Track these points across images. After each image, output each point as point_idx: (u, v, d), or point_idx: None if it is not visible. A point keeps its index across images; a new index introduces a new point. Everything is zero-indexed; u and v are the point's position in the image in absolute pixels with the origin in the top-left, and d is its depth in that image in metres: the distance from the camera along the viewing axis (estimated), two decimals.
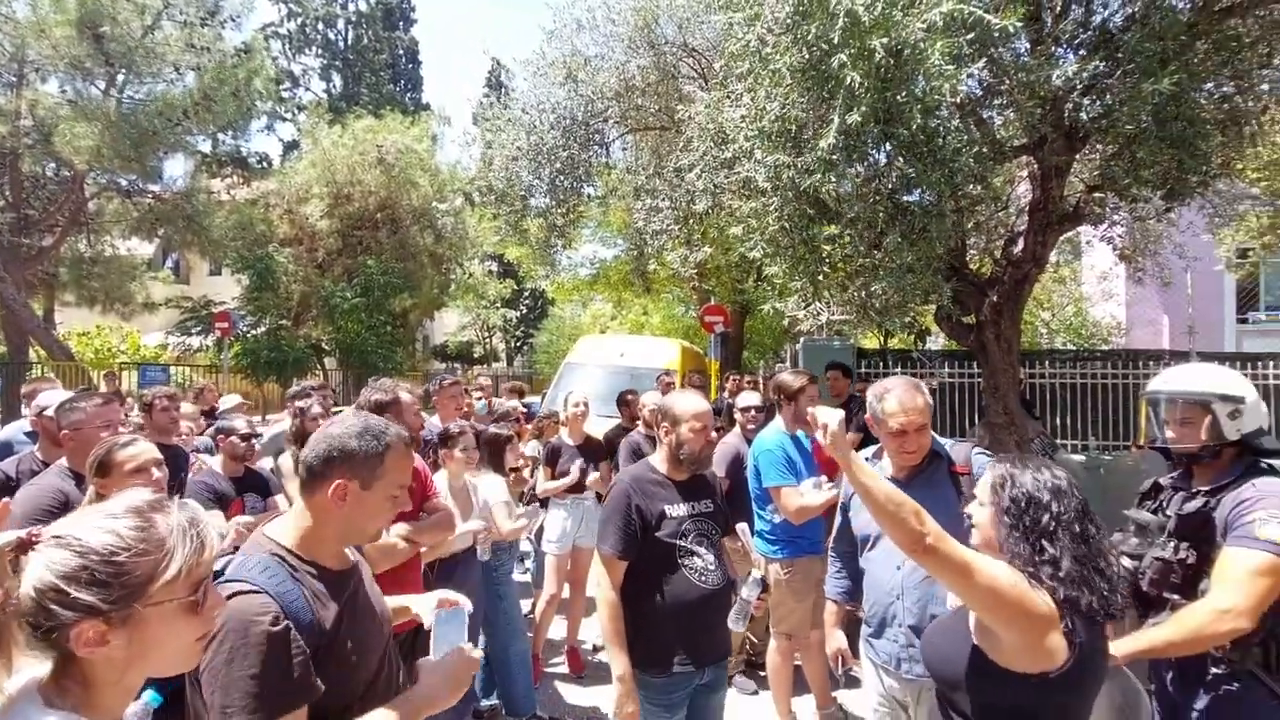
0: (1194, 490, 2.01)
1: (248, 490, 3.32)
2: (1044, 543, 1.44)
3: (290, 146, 25.51)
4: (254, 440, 3.52)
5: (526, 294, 31.22)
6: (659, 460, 2.47)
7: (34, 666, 0.95)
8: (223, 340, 13.51)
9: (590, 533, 4.54)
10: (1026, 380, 7.64)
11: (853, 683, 3.49)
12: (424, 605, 1.67)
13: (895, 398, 2.21)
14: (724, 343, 11.86)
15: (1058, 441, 7.72)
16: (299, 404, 3.64)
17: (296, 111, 25.04)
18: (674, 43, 6.10)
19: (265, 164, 19.41)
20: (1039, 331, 13.38)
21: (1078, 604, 1.39)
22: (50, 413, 3.00)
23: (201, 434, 4.59)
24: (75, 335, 17.22)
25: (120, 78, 13.94)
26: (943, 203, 3.25)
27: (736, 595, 2.31)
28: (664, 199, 5.58)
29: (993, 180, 4.52)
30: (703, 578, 2.32)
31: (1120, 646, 1.97)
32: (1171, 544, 1.98)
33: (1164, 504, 2.11)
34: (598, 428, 5.37)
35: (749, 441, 4.06)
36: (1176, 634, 1.87)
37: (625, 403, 5.22)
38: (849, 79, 2.70)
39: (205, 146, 15.91)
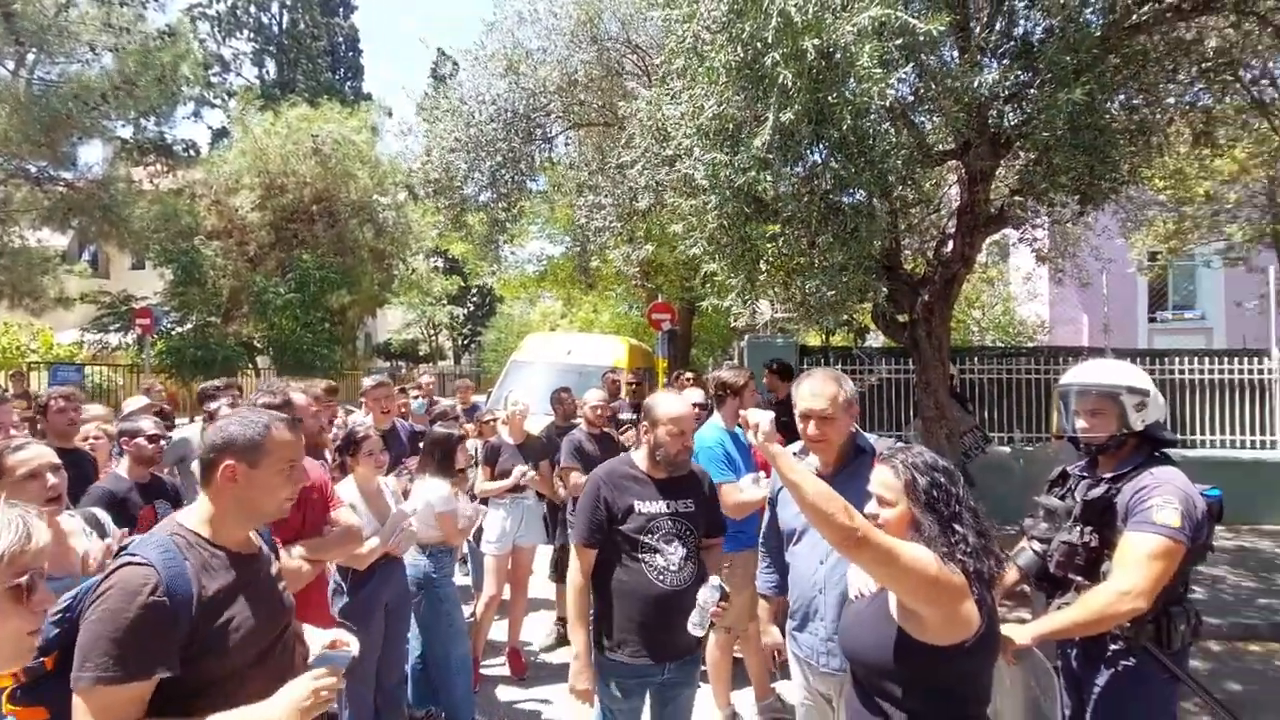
0: (1098, 478, 2.13)
1: (157, 497, 3.11)
2: (955, 524, 1.58)
3: (219, 134, 24.28)
4: (162, 442, 3.31)
5: (474, 291, 30.65)
6: (640, 456, 2.49)
7: None
8: (144, 338, 12.74)
9: (531, 532, 4.48)
10: (958, 376, 7.96)
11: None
12: (316, 638, 1.69)
13: (807, 385, 2.26)
14: (672, 341, 11.91)
15: (987, 433, 8.08)
16: (208, 406, 3.45)
17: (226, 97, 23.82)
18: (617, 39, 6.07)
19: (192, 152, 18.39)
20: (970, 329, 13.97)
21: (982, 575, 1.55)
22: None
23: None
24: None
25: (30, 57, 12.95)
26: (874, 203, 3.34)
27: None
28: (606, 195, 5.56)
29: (923, 183, 4.69)
30: (661, 576, 2.33)
31: (1031, 629, 2.07)
32: (1077, 528, 2.09)
33: (1071, 491, 2.23)
34: (541, 426, 5.30)
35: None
36: (1082, 615, 1.97)
37: (559, 400, 5.16)
38: (782, 78, 2.73)
39: (126, 132, 14.95)
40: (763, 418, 1.65)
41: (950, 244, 5.42)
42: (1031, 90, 4.15)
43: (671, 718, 2.50)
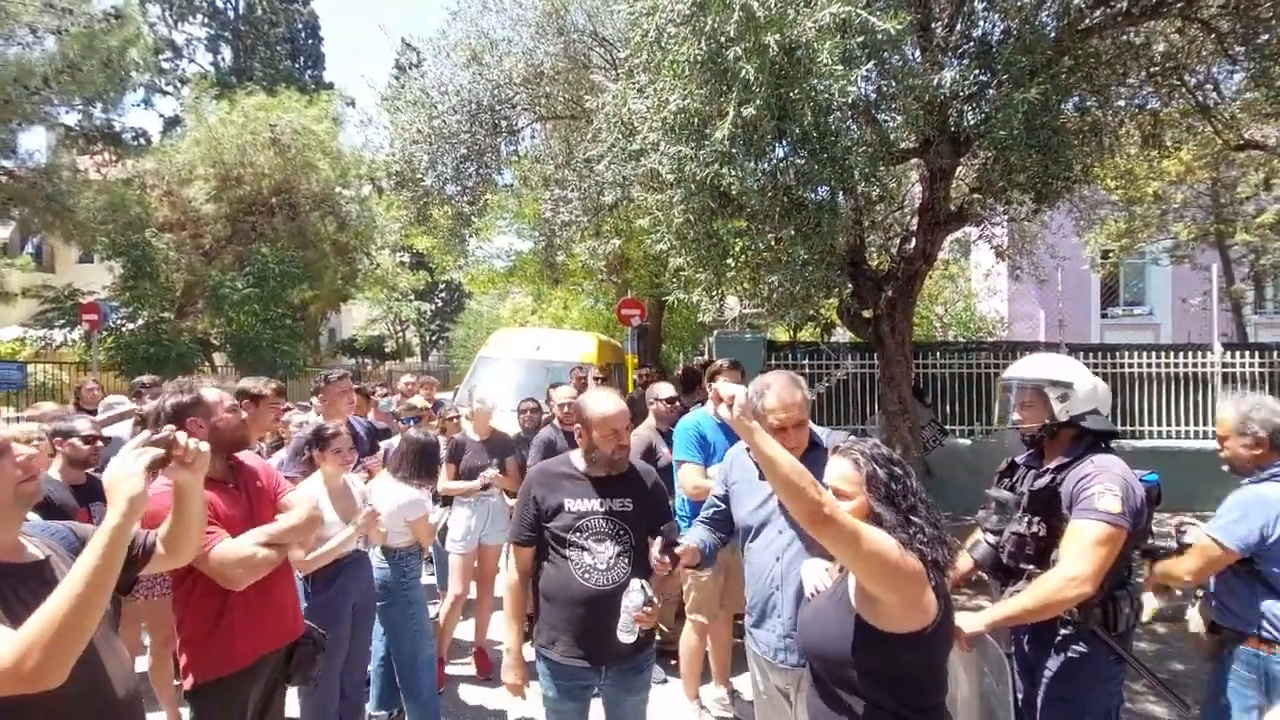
0: (1043, 469, 2.20)
1: (93, 499, 2.99)
2: (911, 515, 1.62)
3: (172, 123, 23.38)
4: (98, 443, 3.18)
5: (441, 287, 30.22)
6: (578, 454, 2.46)
7: None
8: (91, 334, 12.23)
9: (495, 530, 4.43)
10: (920, 370, 8.13)
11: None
12: None
13: (774, 394, 2.25)
14: (642, 336, 11.91)
15: (947, 427, 8.27)
16: (139, 409, 3.32)
17: (179, 85, 23.00)
18: (583, 31, 6.01)
19: (143, 141, 17.72)
20: (933, 325, 14.28)
21: (939, 563, 1.60)
22: None
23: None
24: None
25: None
26: (837, 199, 3.37)
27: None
28: (573, 190, 5.51)
29: (886, 180, 4.75)
30: (587, 574, 2.30)
31: (983, 616, 2.12)
32: (1025, 519, 2.15)
33: (1019, 482, 2.29)
34: (513, 424, 5.24)
35: (662, 433, 4.10)
36: (1032, 602, 2.03)
37: (524, 411, 5.11)
38: (744, 73, 2.73)
39: (71, 119, 14.31)
40: (737, 391, 1.61)
41: (913, 241, 5.52)
42: (990, 90, 4.24)
43: None
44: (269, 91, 15.63)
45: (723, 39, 2.85)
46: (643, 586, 2.17)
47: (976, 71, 4.20)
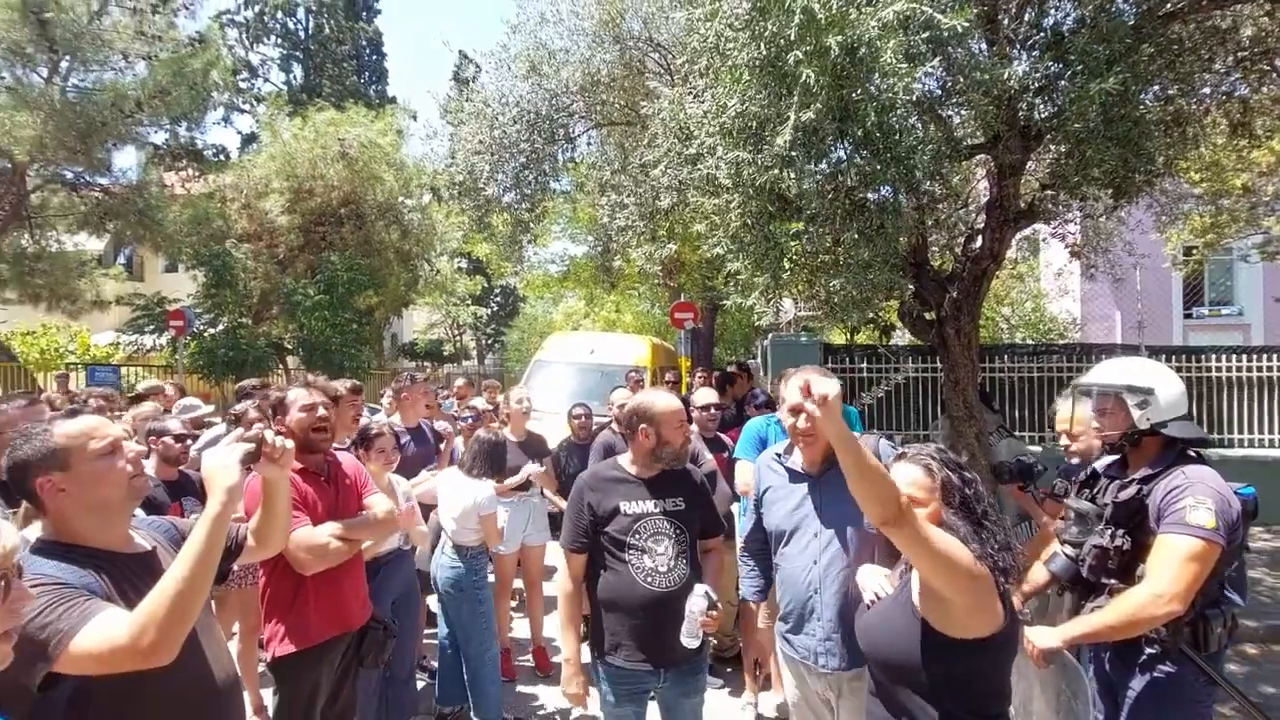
0: (1129, 479, 2.09)
1: (184, 495, 3.20)
2: (984, 521, 1.62)
3: (249, 139, 24.79)
4: (188, 441, 3.40)
5: (497, 291, 30.90)
6: (626, 458, 2.47)
7: None
8: (177, 339, 13.07)
9: (538, 530, 4.49)
10: (986, 374, 7.83)
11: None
12: None
13: (796, 380, 2.24)
14: (695, 339, 11.90)
15: (1016, 433, 7.93)
16: (236, 409, 3.54)
17: (255, 103, 24.30)
18: (639, 37, 6.07)
19: (222, 157, 18.81)
20: (999, 327, 13.73)
21: (1006, 571, 1.58)
22: None
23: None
24: (19, 335, 16.49)
25: (65, 65, 13.34)
26: (900, 200, 3.29)
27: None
28: (629, 195, 5.56)
29: (951, 178, 4.61)
30: (650, 577, 2.29)
31: (1061, 631, 2.04)
32: (1108, 531, 2.05)
33: (1101, 492, 2.19)
34: (563, 427, 5.32)
35: (706, 440, 4.11)
36: (1115, 619, 1.93)
37: (576, 418, 5.17)
38: (804, 76, 2.71)
39: (158, 138, 15.34)
40: (830, 387, 1.53)
41: (979, 240, 5.34)
42: (1062, 82, 4.06)
43: None
44: (337, 107, 16.36)
45: (782, 42, 2.84)
46: (706, 592, 2.18)
47: (1048, 62, 4.03)
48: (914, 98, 3.16)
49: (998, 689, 1.65)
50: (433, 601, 3.97)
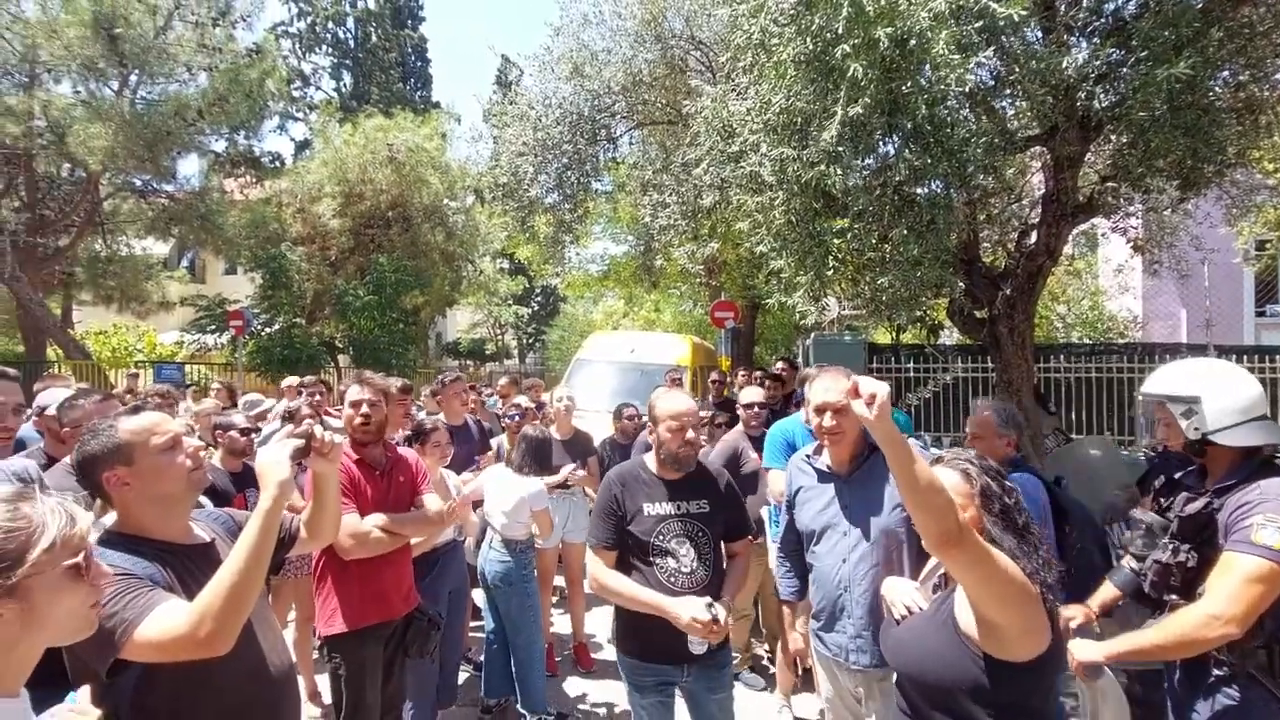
0: (1200, 490, 1.97)
1: (249, 486, 3.34)
2: (1026, 533, 1.54)
3: (302, 146, 25.66)
4: (253, 435, 3.55)
5: (538, 291, 31.28)
6: (651, 458, 2.49)
7: None
8: (237, 338, 13.65)
9: (579, 528, 4.52)
10: (1041, 375, 7.55)
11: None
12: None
13: (821, 380, 2.26)
14: (735, 338, 11.81)
15: (1073, 436, 7.63)
16: (290, 405, 3.68)
17: (308, 111, 25.17)
18: (680, 36, 6.05)
19: (278, 163, 19.53)
20: (1054, 325, 13.22)
21: (1050, 585, 1.50)
22: (51, 411, 3.04)
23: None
24: (93, 334, 17.46)
25: (133, 78, 14.07)
26: (951, 194, 3.20)
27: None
28: (671, 194, 5.56)
29: (1004, 171, 4.47)
30: (673, 579, 2.30)
31: (1106, 646, 1.94)
32: (1171, 546, 1.94)
33: (1175, 504, 2.07)
34: (608, 426, 5.34)
35: (751, 439, 4.06)
36: (1165, 638, 1.83)
37: (622, 417, 5.19)
38: (852, 70, 2.66)
39: (219, 146, 16.04)
40: (880, 388, 1.44)
41: (1033, 235, 5.15)
42: (1125, 69, 3.89)
43: None
44: (385, 113, 16.82)
45: (830, 36, 2.79)
46: (709, 604, 2.18)
47: (1110, 49, 3.86)
48: (966, 89, 3.06)
49: (1045, 708, 1.56)
50: (475, 595, 4.06)
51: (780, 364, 6.54)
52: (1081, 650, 1.95)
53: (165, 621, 1.41)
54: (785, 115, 3.21)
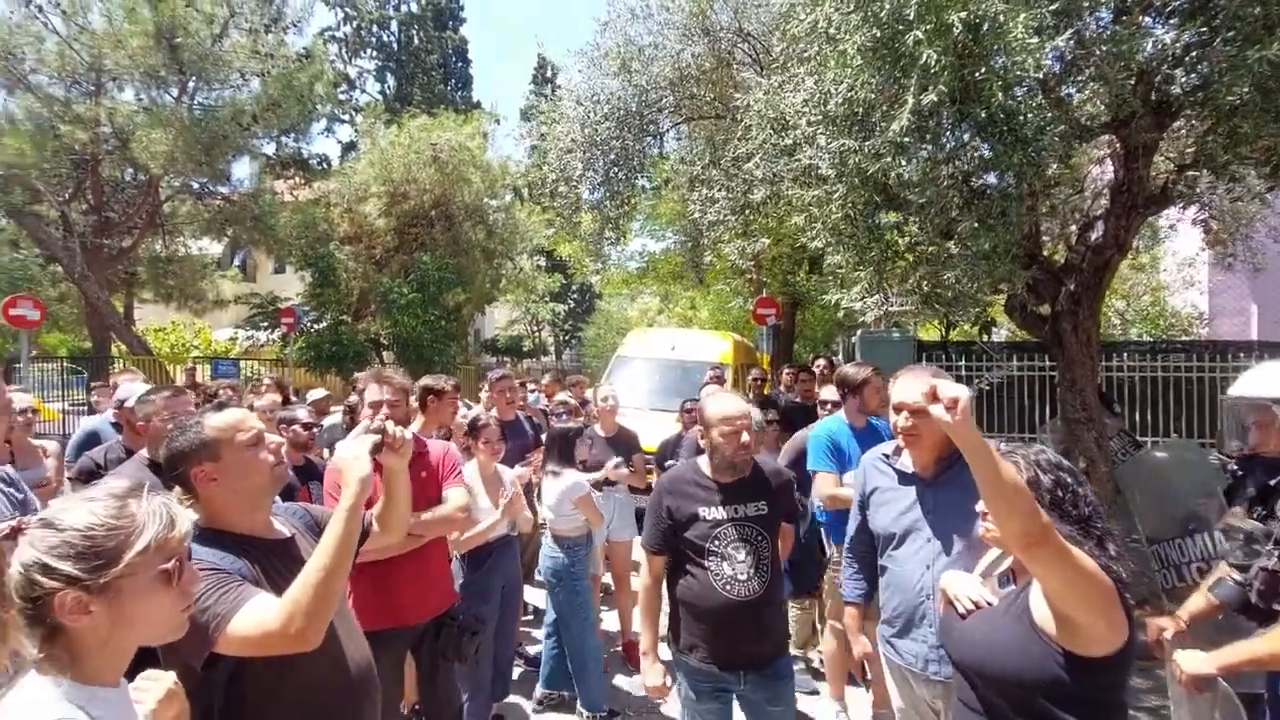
0: None
1: (311, 479, 3.41)
2: (1089, 526, 1.49)
3: (348, 147, 26.27)
4: (314, 430, 3.63)
5: (574, 289, 31.45)
6: (705, 461, 2.45)
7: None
8: (288, 335, 14.07)
9: (624, 526, 4.51)
10: (1103, 373, 7.23)
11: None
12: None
13: (904, 378, 2.18)
14: (775, 335, 11.66)
15: (1138, 438, 7.30)
16: (348, 400, 3.76)
17: (354, 113, 25.79)
18: (729, 29, 5.98)
19: (325, 165, 20.06)
20: (1112, 322, 12.70)
21: (1121, 575, 1.45)
22: (130, 404, 3.15)
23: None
24: (152, 331, 18.23)
25: (191, 85, 14.61)
26: (1022, 185, 3.06)
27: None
28: (720, 189, 5.49)
29: (1074, 161, 4.27)
30: (729, 585, 2.27)
31: (1216, 657, 1.85)
32: (1276, 553, 1.82)
33: (1273, 510, 1.95)
34: (649, 423, 5.32)
35: None
36: (1274, 647, 1.72)
37: (686, 410, 5.15)
38: (924, 57, 2.56)
39: (270, 149, 16.56)
40: (960, 391, 1.42)
41: (1099, 227, 4.92)
42: (1210, 50, 3.67)
43: None
44: (428, 114, 17.10)
45: (899, 23, 2.70)
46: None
47: (1192, 30, 3.64)
48: (1041, 75, 2.93)
49: (1120, 703, 1.55)
50: (529, 591, 4.08)
51: (820, 362, 6.42)
52: (1190, 662, 1.85)
53: (257, 617, 1.43)
54: (847, 106, 3.12)
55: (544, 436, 4.87)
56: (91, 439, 3.89)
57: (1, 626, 1.01)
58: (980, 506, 1.58)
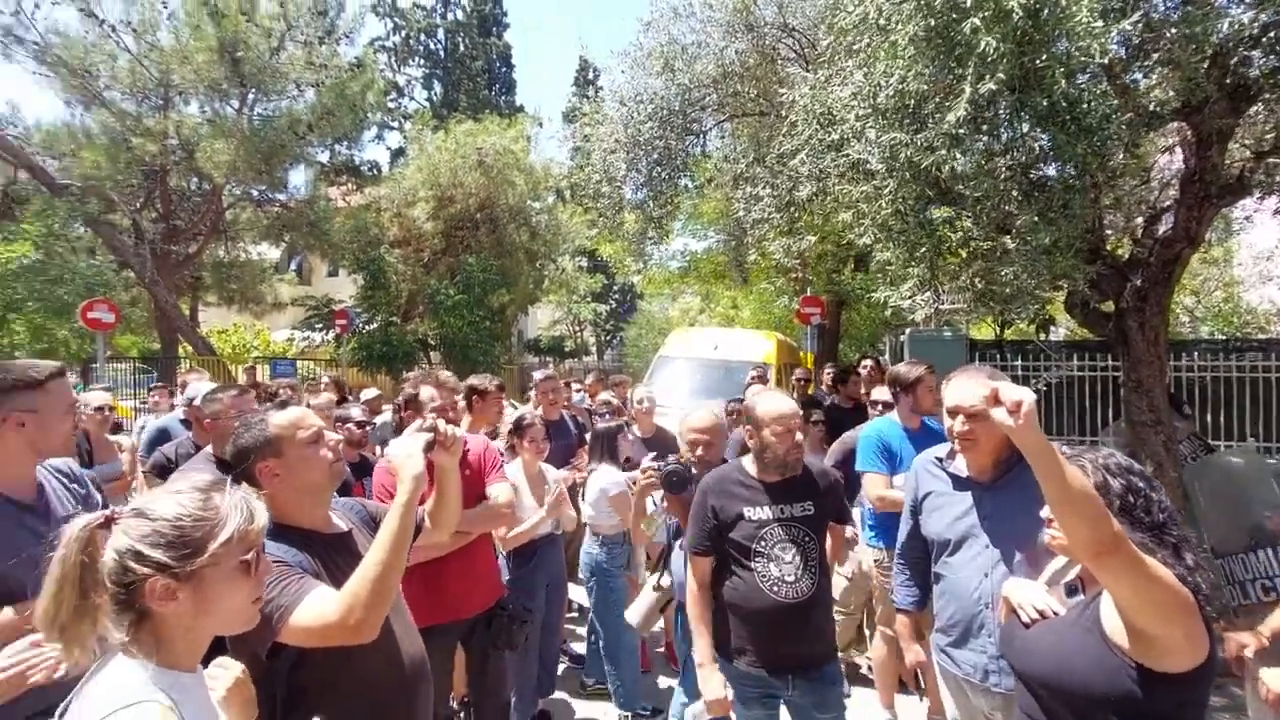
0: None
1: (365, 475, 3.51)
2: (1161, 530, 1.42)
3: (398, 153, 27.01)
4: (368, 427, 3.73)
5: (616, 289, 31.60)
6: (749, 461, 2.41)
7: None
8: (341, 336, 14.55)
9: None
10: (1171, 373, 6.87)
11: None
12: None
13: (959, 380, 2.10)
14: (820, 335, 11.46)
15: (1210, 442, 6.91)
16: (398, 399, 3.87)
17: (403, 120, 26.50)
18: (773, 24, 5.90)
19: (376, 171, 20.66)
20: (1180, 319, 12.05)
21: (1200, 586, 1.37)
22: (198, 402, 3.31)
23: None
24: (215, 332, 19.11)
25: (251, 96, 15.26)
26: (1085, 176, 2.92)
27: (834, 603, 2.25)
28: (764, 186, 5.42)
29: (1141, 150, 4.07)
30: (776, 587, 2.23)
31: None
32: None
33: None
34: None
35: None
36: None
37: (730, 413, 5.11)
38: (982, 44, 2.47)
39: (324, 157, 17.17)
40: (1025, 394, 1.36)
41: (1168, 219, 4.68)
42: None
43: None
44: (474, 119, 17.44)
45: (955, 11, 2.61)
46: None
47: (1272, 10, 3.42)
48: (1106, 60, 2.79)
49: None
50: (573, 589, 4.12)
51: (867, 363, 6.26)
52: (1277, 680, 1.74)
53: (317, 609, 1.48)
54: (898, 98, 3.04)
55: (588, 436, 4.92)
56: (162, 435, 4.10)
57: (93, 611, 1.06)
58: (1046, 512, 1.52)
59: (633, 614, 2.93)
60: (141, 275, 14.53)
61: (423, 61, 32.11)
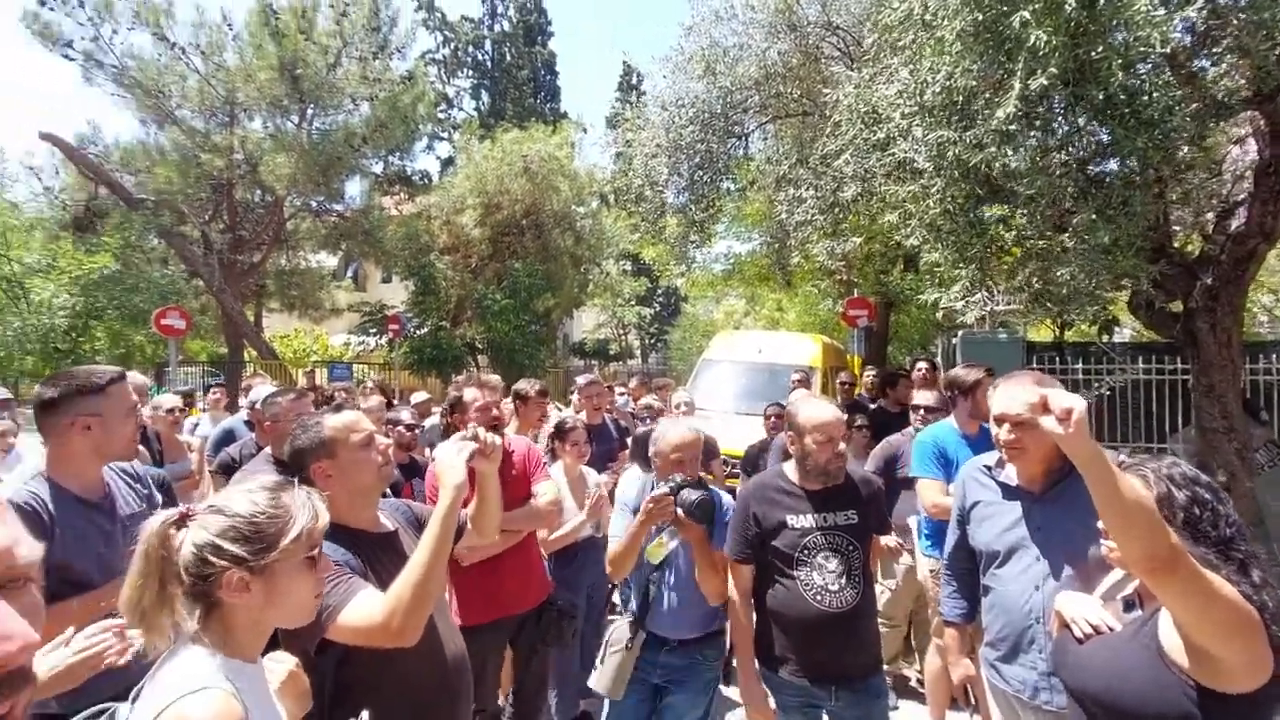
0: None
1: (414, 476, 3.62)
2: (1228, 545, 1.35)
3: (447, 162, 27.72)
4: (417, 430, 3.84)
5: (660, 292, 31.65)
6: (791, 468, 2.37)
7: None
8: (394, 340, 15.02)
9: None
10: (1247, 377, 6.46)
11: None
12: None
13: (1006, 386, 2.01)
14: (867, 337, 11.21)
15: None
16: (445, 403, 3.96)
17: (452, 130, 27.20)
18: (816, 23, 5.83)
19: (427, 180, 21.25)
20: (1257, 320, 11.34)
21: (1267, 604, 1.29)
22: (260, 405, 3.47)
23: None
24: (277, 337, 19.98)
25: (310, 111, 15.93)
26: (1147, 171, 2.78)
27: None
28: (808, 188, 5.35)
29: (1210, 142, 3.86)
30: (819, 596, 2.18)
31: None
32: None
33: None
34: (734, 427, 5.26)
35: None
36: None
37: (767, 416, 5.06)
38: (1033, 38, 2.39)
39: (378, 168, 17.76)
40: (1075, 402, 1.31)
41: (1241, 214, 4.43)
42: None
43: None
44: (520, 127, 17.78)
45: (1004, 4, 2.54)
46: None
47: None
48: (1168, 50, 2.67)
49: None
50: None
51: (921, 365, 6.09)
52: None
53: (365, 610, 1.53)
54: (945, 95, 2.96)
55: (629, 440, 4.95)
56: (228, 436, 4.31)
57: (170, 600, 1.13)
58: (1102, 524, 1.46)
59: (600, 680, 2.52)
60: (210, 283, 15.31)
61: (471, 72, 32.90)
